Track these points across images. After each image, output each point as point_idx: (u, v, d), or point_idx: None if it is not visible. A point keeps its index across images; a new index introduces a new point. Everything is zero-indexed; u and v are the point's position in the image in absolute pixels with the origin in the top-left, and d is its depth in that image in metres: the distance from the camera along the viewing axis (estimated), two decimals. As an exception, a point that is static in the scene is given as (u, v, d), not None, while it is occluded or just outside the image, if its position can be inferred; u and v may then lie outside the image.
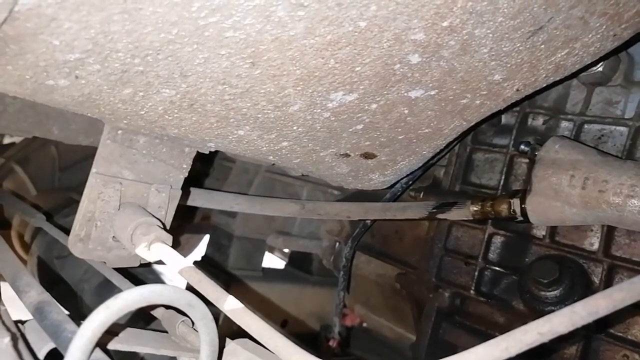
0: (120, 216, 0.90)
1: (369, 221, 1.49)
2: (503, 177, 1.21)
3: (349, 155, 1.06)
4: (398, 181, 1.27)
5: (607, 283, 1.02)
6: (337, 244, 1.75)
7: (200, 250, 2.87)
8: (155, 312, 0.83)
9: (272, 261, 2.45)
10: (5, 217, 2.10)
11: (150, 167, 0.96)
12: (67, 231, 0.96)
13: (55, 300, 0.76)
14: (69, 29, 0.58)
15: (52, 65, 0.65)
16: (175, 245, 0.84)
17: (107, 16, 0.58)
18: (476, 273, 1.21)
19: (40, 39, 0.59)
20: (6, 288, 0.85)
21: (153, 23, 0.60)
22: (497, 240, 1.20)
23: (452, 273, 1.26)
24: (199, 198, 1.31)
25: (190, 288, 0.71)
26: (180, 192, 1.01)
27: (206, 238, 2.11)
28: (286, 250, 2.39)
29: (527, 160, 1.17)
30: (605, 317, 0.54)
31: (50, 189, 2.19)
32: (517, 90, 0.93)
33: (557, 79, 0.93)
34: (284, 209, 1.43)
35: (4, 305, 0.78)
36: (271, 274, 2.01)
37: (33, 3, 0.54)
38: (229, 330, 0.74)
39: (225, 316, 0.67)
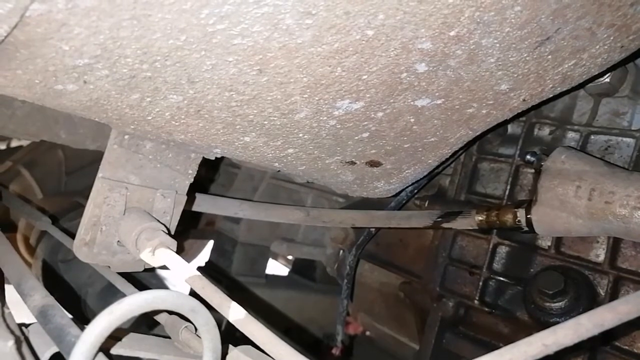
0: (125, 221, 0.91)
1: (373, 229, 1.49)
2: (508, 187, 1.21)
3: (355, 163, 1.06)
4: (403, 189, 1.27)
5: (613, 295, 1.01)
6: (341, 251, 1.75)
7: (204, 256, 2.87)
8: (158, 318, 0.83)
9: (276, 268, 2.44)
10: (11, 219, 2.11)
11: (156, 172, 0.96)
12: (72, 235, 0.96)
13: (59, 304, 0.76)
14: (79, 34, 0.59)
15: (61, 70, 0.65)
16: (180, 250, 0.84)
17: (117, 22, 0.58)
18: (480, 283, 1.20)
19: (50, 44, 0.59)
20: (11, 291, 0.85)
21: (162, 29, 0.61)
22: (502, 250, 1.20)
23: (457, 282, 1.25)
24: (203, 204, 1.31)
25: (193, 294, 0.71)
26: (186, 197, 1.02)
27: (210, 244, 2.11)
28: (290, 257, 2.39)
29: (532, 171, 1.17)
30: (611, 329, 0.53)
31: (56, 193, 2.20)
32: (524, 100, 0.92)
33: (564, 89, 0.93)
34: (288, 215, 1.43)
35: (8, 308, 0.78)
36: (274, 280, 2.01)
37: (44, 9, 0.54)
38: (231, 337, 0.74)
39: (228, 322, 0.67)
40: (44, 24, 0.56)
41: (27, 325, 0.72)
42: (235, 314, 0.66)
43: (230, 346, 0.73)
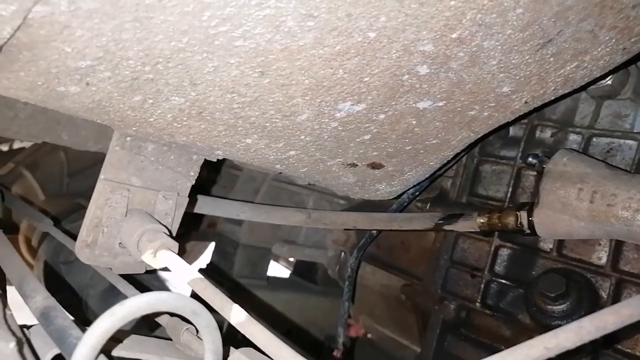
0: (127, 222, 0.91)
1: (374, 231, 1.49)
2: (510, 190, 1.21)
3: (356, 165, 1.06)
4: (405, 192, 1.26)
5: (615, 298, 1.01)
6: (343, 253, 1.75)
7: (205, 258, 2.87)
8: (159, 319, 0.83)
9: (277, 270, 2.44)
10: (13, 221, 2.11)
11: (158, 174, 0.96)
12: (74, 236, 0.96)
13: (60, 306, 0.76)
14: (81, 36, 0.59)
15: (64, 72, 0.65)
16: (181, 252, 0.84)
17: (119, 24, 0.58)
18: (482, 285, 1.20)
19: (52, 46, 0.60)
20: (12, 292, 0.85)
21: (164, 31, 0.61)
22: (504, 252, 1.20)
23: (458, 285, 1.25)
24: (205, 206, 1.31)
25: (195, 296, 0.71)
26: (187, 199, 1.02)
27: (212, 246, 2.11)
28: (291, 259, 2.39)
29: (534, 173, 1.17)
30: (613, 332, 0.53)
31: (58, 194, 2.20)
32: (526, 102, 0.92)
33: (566, 91, 0.93)
34: (289, 217, 1.43)
35: (10, 309, 0.78)
36: (276, 282, 2.01)
37: (47, 11, 0.54)
38: (233, 339, 0.74)
39: (230, 324, 0.67)
40: (46, 26, 0.56)
41: (28, 327, 0.73)
42: (237, 316, 0.66)
43: (232, 348, 0.73)
